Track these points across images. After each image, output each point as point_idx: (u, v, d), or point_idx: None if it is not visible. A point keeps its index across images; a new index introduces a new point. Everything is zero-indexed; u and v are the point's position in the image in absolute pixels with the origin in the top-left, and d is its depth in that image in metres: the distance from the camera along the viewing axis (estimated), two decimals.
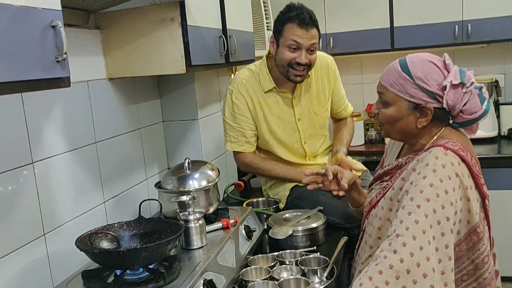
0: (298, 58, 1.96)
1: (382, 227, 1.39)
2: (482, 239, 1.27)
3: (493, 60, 3.50)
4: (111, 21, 1.80)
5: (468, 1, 3.10)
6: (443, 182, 1.21)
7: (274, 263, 1.58)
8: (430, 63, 1.32)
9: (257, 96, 2.08)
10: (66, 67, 1.03)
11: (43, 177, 1.47)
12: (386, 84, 1.38)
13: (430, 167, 1.24)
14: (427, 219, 1.18)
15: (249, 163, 2.15)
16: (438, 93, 1.30)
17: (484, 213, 1.31)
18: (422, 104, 1.32)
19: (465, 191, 1.24)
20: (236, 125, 2.10)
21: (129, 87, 2.00)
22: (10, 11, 0.89)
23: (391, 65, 1.39)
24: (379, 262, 1.16)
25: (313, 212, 1.88)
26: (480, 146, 3.19)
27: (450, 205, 1.20)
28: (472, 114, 1.32)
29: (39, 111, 1.48)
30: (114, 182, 1.86)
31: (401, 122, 1.37)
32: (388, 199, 1.37)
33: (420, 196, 1.21)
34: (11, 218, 1.35)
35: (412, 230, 1.17)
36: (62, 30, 0.99)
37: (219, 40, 2.05)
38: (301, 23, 1.94)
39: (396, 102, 1.36)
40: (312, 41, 1.96)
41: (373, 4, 3.27)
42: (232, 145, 2.14)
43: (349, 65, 3.69)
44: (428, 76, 1.31)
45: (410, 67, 1.33)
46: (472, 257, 1.28)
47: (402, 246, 1.16)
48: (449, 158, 1.25)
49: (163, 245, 1.31)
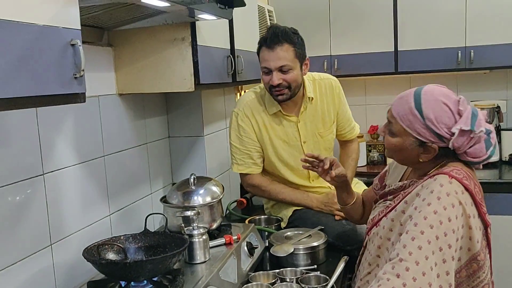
0: (271, 80, 1.95)
1: (381, 246, 1.42)
2: (482, 267, 1.30)
3: (495, 86, 3.55)
4: (123, 39, 1.86)
5: (471, 27, 3.15)
6: (446, 210, 1.24)
7: (275, 280, 1.60)
8: (443, 105, 1.32)
9: (262, 118, 2.08)
10: (83, 83, 1.08)
11: (52, 188, 1.51)
12: (396, 115, 1.38)
13: (434, 194, 1.27)
14: (429, 245, 1.21)
15: (257, 185, 2.15)
16: (446, 136, 1.32)
17: (486, 242, 1.34)
18: (428, 142, 1.35)
19: (467, 219, 1.27)
20: (243, 147, 2.10)
21: (138, 103, 2.04)
22: (34, 29, 0.94)
23: (405, 96, 1.38)
24: (381, 284, 1.19)
25: (314, 231, 1.91)
26: (482, 171, 3.21)
27: (452, 232, 1.23)
28: (476, 158, 1.35)
29: (52, 124, 1.53)
30: (120, 195, 1.90)
31: (404, 153, 1.41)
32: (390, 219, 1.40)
33: (424, 222, 1.24)
34: (20, 228, 1.38)
35: (415, 255, 1.20)
36: (81, 49, 1.04)
37: (227, 60, 2.10)
38: (266, 45, 1.92)
39: (402, 135, 1.38)
40: (279, 62, 1.91)
41: (378, 28, 3.33)
42: (239, 167, 2.14)
43: (353, 87, 3.74)
44: (438, 119, 1.31)
45: (423, 106, 1.33)
46: (472, 284, 1.31)
47: (405, 270, 1.18)
48: (453, 186, 1.28)
49: (168, 258, 1.34)
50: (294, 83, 1.98)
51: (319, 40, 3.38)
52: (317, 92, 2.11)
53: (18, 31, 0.90)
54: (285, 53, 1.92)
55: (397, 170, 1.61)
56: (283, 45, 1.91)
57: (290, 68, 1.94)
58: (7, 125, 1.35)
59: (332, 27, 3.43)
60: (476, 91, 3.56)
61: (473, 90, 3.56)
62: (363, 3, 3.34)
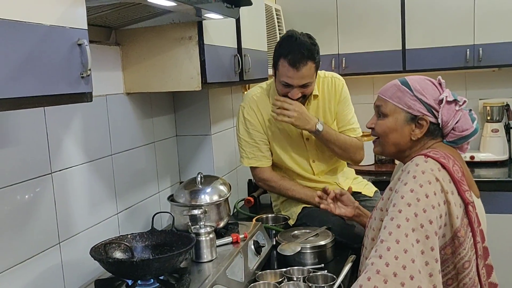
0: (290, 94, 1.98)
1: (375, 238, 1.41)
2: (462, 244, 1.29)
3: (504, 84, 3.52)
4: (131, 38, 1.87)
5: (480, 25, 3.13)
6: (423, 187, 1.25)
7: (282, 279, 1.60)
8: (427, 81, 1.44)
9: (267, 112, 2.12)
10: (90, 82, 1.08)
11: (60, 187, 1.52)
12: (385, 97, 1.46)
13: (410, 174, 1.29)
14: (408, 222, 1.21)
15: (267, 179, 2.17)
16: (435, 106, 1.39)
17: (468, 220, 1.33)
18: (419, 115, 1.40)
19: (446, 195, 1.28)
20: (251, 140, 2.14)
21: (145, 102, 2.05)
22: (42, 29, 0.95)
23: (389, 83, 1.49)
24: (367, 270, 1.19)
25: (322, 230, 1.90)
26: (491, 170, 3.19)
27: (432, 208, 1.23)
28: (463, 132, 1.39)
29: (60, 123, 1.54)
30: (128, 194, 1.91)
31: (396, 134, 1.44)
32: (379, 209, 1.41)
33: (401, 201, 1.25)
34: (29, 226, 1.39)
35: (395, 234, 1.20)
36: (87, 48, 1.04)
37: (234, 59, 2.10)
38: (292, 64, 1.91)
39: (393, 114, 1.44)
40: (303, 80, 1.95)
41: (386, 26, 3.32)
42: (249, 161, 2.16)
43: (360, 86, 3.73)
44: (425, 90, 1.40)
45: (409, 81, 1.43)
46: (455, 261, 1.30)
47: (387, 250, 1.18)
48: (429, 164, 1.30)
49: (175, 257, 1.35)
50: (310, 93, 2.05)
51: (327, 39, 3.36)
52: (321, 89, 2.13)
53: (25, 31, 0.91)
54: (309, 71, 1.95)
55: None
56: (307, 64, 1.92)
57: (311, 82, 1.99)
58: (16, 124, 1.36)
59: (339, 25, 3.42)
60: (484, 89, 3.54)
61: (482, 88, 3.54)
62: (370, 1, 3.33)
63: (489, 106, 3.37)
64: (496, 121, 3.35)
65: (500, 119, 3.36)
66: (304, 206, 2.13)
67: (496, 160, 3.28)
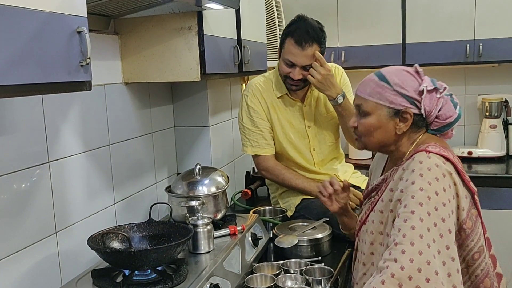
0: (292, 74, 2.00)
1: (374, 242, 1.39)
2: (469, 236, 1.28)
3: (503, 80, 3.52)
4: (130, 27, 1.85)
5: (480, 21, 3.12)
6: (431, 185, 1.23)
7: (279, 272, 1.60)
8: (404, 72, 1.38)
9: (270, 100, 2.13)
10: (89, 71, 1.07)
11: (57, 176, 1.51)
12: (364, 95, 1.41)
13: (416, 172, 1.26)
14: (422, 223, 1.18)
15: (271, 168, 2.16)
16: (416, 98, 1.34)
17: (476, 209, 1.33)
18: (402, 109, 1.35)
19: (456, 187, 1.27)
20: (255, 128, 2.13)
21: (144, 92, 2.04)
22: (41, 16, 0.93)
23: (366, 78, 1.43)
24: (382, 273, 1.17)
25: (319, 223, 1.90)
26: (488, 165, 3.20)
27: (443, 205, 1.22)
28: (447, 119, 1.36)
29: (58, 112, 1.53)
30: (125, 184, 1.90)
31: (380, 131, 1.39)
32: (378, 211, 1.38)
33: (412, 202, 1.22)
34: (25, 215, 1.38)
35: (409, 236, 1.18)
36: (87, 36, 1.03)
37: (234, 50, 2.09)
38: (298, 42, 1.94)
39: (375, 111, 1.38)
40: (307, 61, 1.96)
41: (386, 20, 3.30)
42: (253, 149, 2.15)
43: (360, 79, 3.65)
44: (405, 83, 1.35)
45: (386, 76, 1.37)
46: (463, 254, 1.29)
47: (401, 253, 1.16)
48: (433, 160, 1.28)
49: (173, 248, 1.34)
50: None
51: (327, 32, 3.29)
52: None
53: (25, 17, 0.90)
54: (313, 53, 1.96)
55: (377, 171, 1.59)
56: (313, 45, 1.95)
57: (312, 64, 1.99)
58: (13, 112, 1.35)
59: (339, 18, 3.40)
60: (484, 84, 3.53)
61: (481, 83, 3.54)
62: None
63: (487, 102, 3.37)
64: (495, 117, 3.35)
65: (498, 115, 3.36)
66: (303, 197, 2.13)
67: (494, 156, 3.29)
